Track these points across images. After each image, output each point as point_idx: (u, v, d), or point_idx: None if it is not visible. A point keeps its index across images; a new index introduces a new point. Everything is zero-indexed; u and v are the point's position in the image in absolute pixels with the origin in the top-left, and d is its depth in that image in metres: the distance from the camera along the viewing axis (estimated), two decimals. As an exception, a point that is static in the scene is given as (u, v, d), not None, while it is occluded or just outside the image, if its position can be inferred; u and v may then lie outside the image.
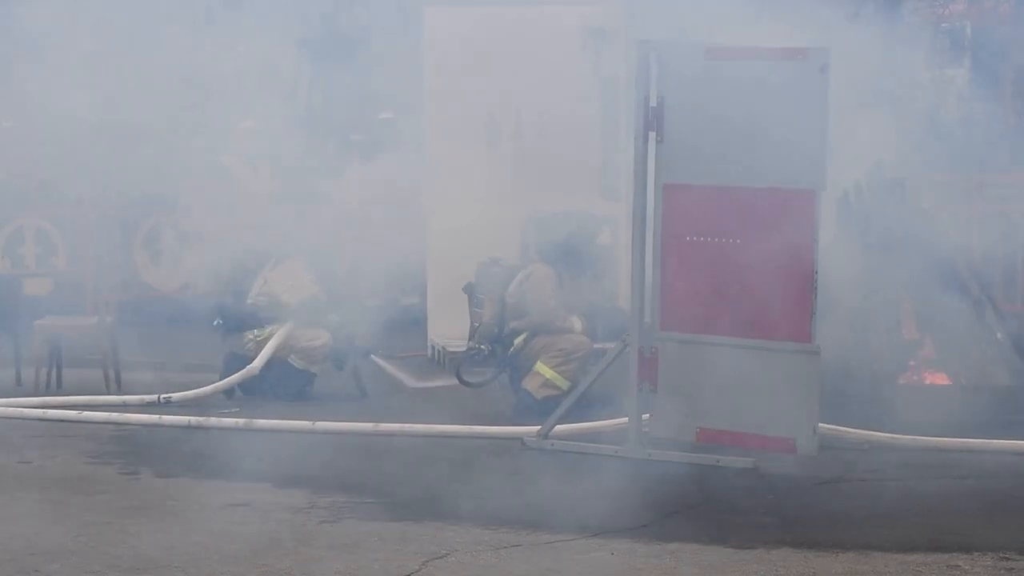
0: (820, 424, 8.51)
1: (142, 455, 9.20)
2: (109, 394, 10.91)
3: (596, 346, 10.27)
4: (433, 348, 12.27)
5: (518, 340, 10.26)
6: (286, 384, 10.92)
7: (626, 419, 8.96)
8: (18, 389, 11.28)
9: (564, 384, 9.99)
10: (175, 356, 12.72)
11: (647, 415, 8.90)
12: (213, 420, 9.98)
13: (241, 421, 9.95)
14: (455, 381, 10.47)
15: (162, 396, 10.63)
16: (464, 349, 10.66)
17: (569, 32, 12.14)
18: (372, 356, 11.46)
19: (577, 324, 10.29)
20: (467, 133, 12.02)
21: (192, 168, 14.92)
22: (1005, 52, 13.65)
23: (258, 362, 10.84)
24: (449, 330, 11.74)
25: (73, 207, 15.08)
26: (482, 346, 10.33)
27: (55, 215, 15.01)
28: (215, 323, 11.28)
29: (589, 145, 12.03)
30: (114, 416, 10.17)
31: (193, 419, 9.99)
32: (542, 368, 10.19)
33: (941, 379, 9.69)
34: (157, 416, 10.12)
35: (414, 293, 13.04)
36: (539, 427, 9.25)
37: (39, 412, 10.29)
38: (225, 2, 12.40)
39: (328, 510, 7.85)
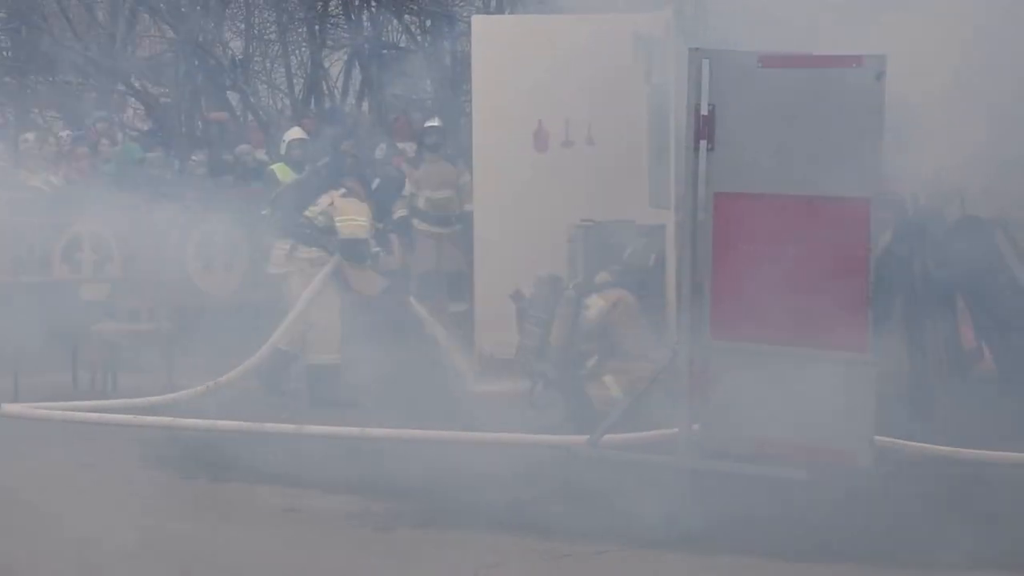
0: (877, 436, 8.42)
1: (196, 459, 9.25)
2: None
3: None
4: (481, 355, 12.27)
5: (591, 362, 10.18)
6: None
7: (677, 429, 8.92)
8: (74, 393, 11.39)
9: None
10: (228, 361, 12.80)
11: (698, 425, 8.86)
12: (267, 426, 10.02)
13: (293, 427, 9.98)
14: (514, 386, 10.39)
15: (210, 383, 10.74)
16: (522, 364, 10.52)
17: (619, 40, 12.11)
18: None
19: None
20: (516, 141, 12.02)
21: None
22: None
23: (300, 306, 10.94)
24: (497, 338, 11.72)
25: (130, 212, 15.21)
26: (550, 368, 10.20)
27: (112, 221, 15.13)
28: (263, 212, 11.55)
29: (638, 153, 12.00)
30: (167, 421, 10.23)
31: (245, 424, 10.03)
32: (611, 385, 10.10)
33: (1000, 389, 9.58)
34: (211, 421, 10.17)
35: (461, 300, 13.05)
36: (589, 436, 9.22)
37: (95, 416, 10.33)
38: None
39: (382, 517, 7.87)
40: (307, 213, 11.31)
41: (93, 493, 8.45)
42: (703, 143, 8.77)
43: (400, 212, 13.30)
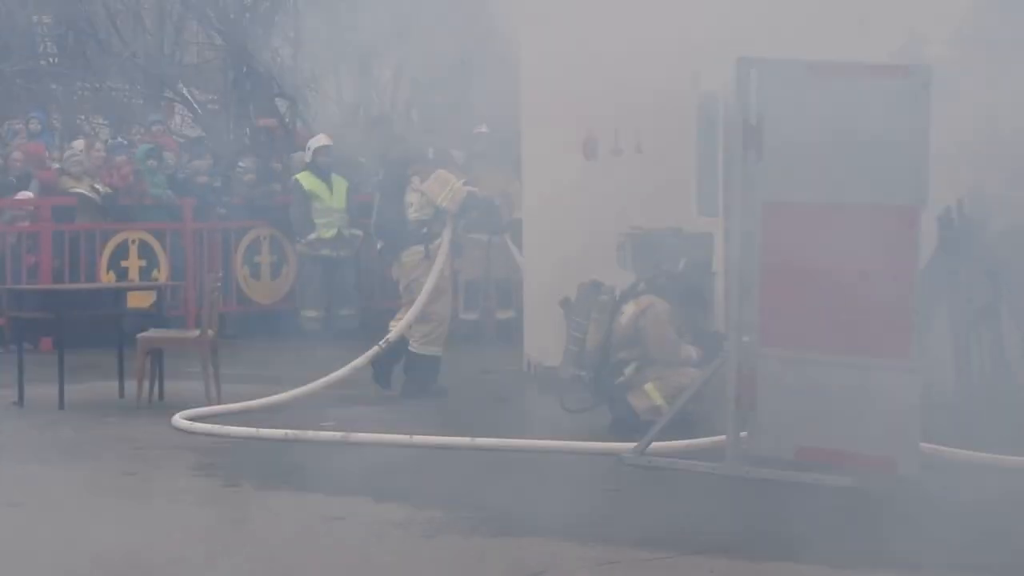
0: (923, 443, 8.41)
1: (242, 467, 9.30)
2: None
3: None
4: (529, 363, 12.30)
5: (628, 370, 10.21)
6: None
7: (724, 436, 8.93)
8: (120, 402, 11.47)
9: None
10: (275, 369, 12.87)
11: (745, 432, 8.86)
12: (311, 434, 10.08)
13: (339, 435, 10.03)
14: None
15: (382, 342, 11.11)
16: (561, 368, 10.61)
17: (668, 48, 12.10)
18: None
19: (693, 353, 10.24)
20: (565, 148, 12.03)
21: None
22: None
23: (429, 283, 11.17)
24: (545, 345, 11.75)
25: (176, 220, 15.31)
26: (583, 373, 10.28)
27: (158, 228, 15.24)
28: (378, 247, 11.75)
29: (686, 162, 11.99)
30: (211, 428, 10.28)
31: (291, 432, 10.09)
32: (653, 392, 10.12)
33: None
34: (254, 429, 10.22)
35: (509, 307, 13.10)
36: (636, 443, 9.24)
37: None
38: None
39: (428, 524, 7.90)
40: (411, 217, 11.44)
41: (139, 501, 8.49)
42: (751, 152, 8.79)
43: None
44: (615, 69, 11.61)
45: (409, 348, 11.47)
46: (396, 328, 11.35)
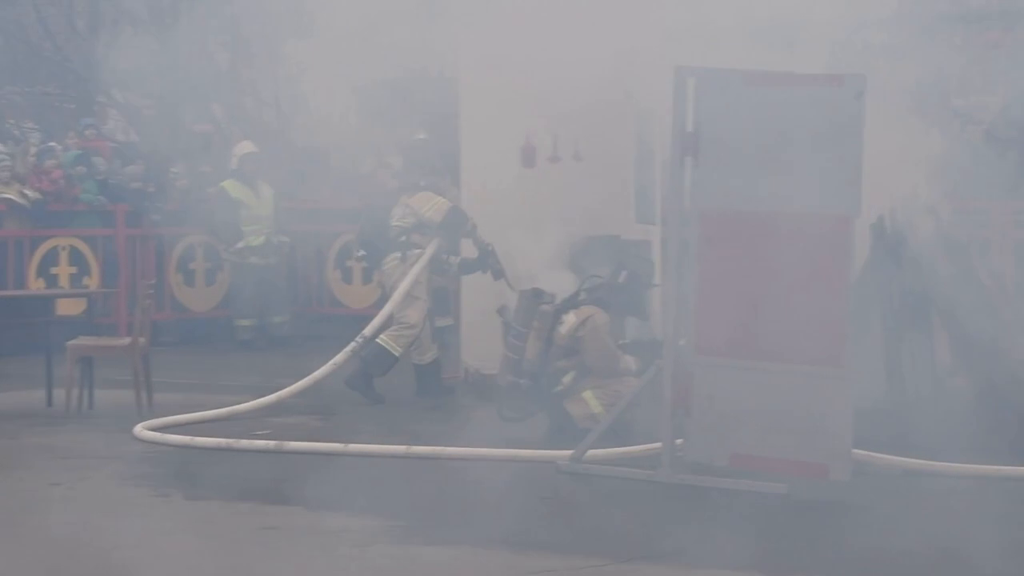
0: (854, 450, 8.47)
1: (173, 476, 9.21)
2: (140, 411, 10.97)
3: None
4: (466, 371, 12.28)
5: (566, 378, 10.23)
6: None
7: (659, 444, 8.95)
8: (48, 410, 11.33)
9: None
10: (207, 376, 12.79)
11: (680, 440, 8.89)
12: (244, 442, 10.00)
13: (273, 443, 9.96)
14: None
15: (358, 337, 11.25)
16: (499, 376, 10.60)
17: (606, 56, 12.13)
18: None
19: (632, 363, 10.28)
20: (503, 156, 12.03)
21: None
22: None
23: (401, 287, 11.39)
24: (482, 353, 11.73)
25: (109, 226, 15.17)
26: (521, 380, 10.30)
27: (89, 234, 15.09)
28: (359, 255, 12.10)
29: (625, 169, 12.02)
30: (155, 436, 10.19)
31: (224, 440, 10.01)
32: (591, 400, 10.15)
33: (975, 405, 9.61)
34: (189, 437, 10.13)
35: (447, 315, 13.06)
36: (573, 451, 9.24)
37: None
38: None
39: (362, 533, 7.86)
40: (395, 224, 11.72)
41: (65, 513, 8.39)
42: (688, 160, 8.82)
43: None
44: (553, 75, 11.62)
45: (376, 339, 11.59)
46: (371, 324, 11.48)
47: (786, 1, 10.28)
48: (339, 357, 11.33)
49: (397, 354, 11.67)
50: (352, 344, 11.40)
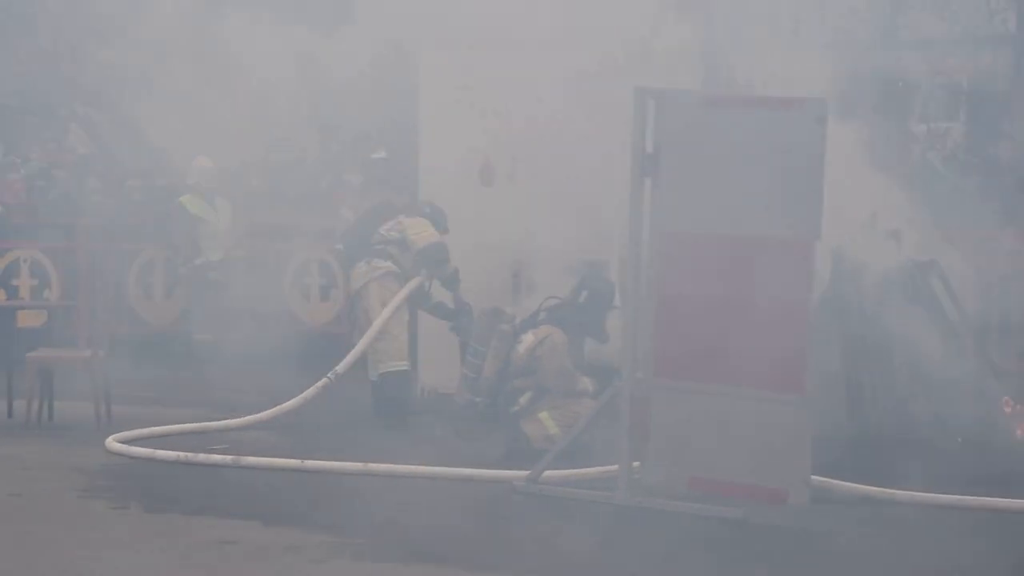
0: (812, 476, 8.48)
1: (131, 489, 9.17)
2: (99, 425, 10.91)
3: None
4: (423, 389, 12.25)
5: (523, 398, 10.23)
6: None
7: (616, 466, 8.94)
8: (8, 422, 11.26)
9: None
10: (166, 390, 12.72)
11: (638, 462, 8.88)
12: (202, 456, 9.96)
13: (230, 458, 9.92)
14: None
15: (330, 374, 11.10)
16: (456, 394, 10.61)
17: (566, 76, 12.16)
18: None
19: (589, 384, 10.29)
20: (462, 174, 12.03)
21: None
22: (1001, 108, 13.74)
23: (378, 322, 11.25)
24: (440, 371, 11.71)
25: (70, 239, 15.09)
26: (478, 400, 10.30)
27: (50, 247, 15.01)
28: (336, 247, 11.99)
29: (584, 190, 12.03)
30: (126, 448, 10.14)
31: (182, 454, 9.97)
32: (548, 421, 10.15)
33: (937, 434, 9.63)
34: (149, 450, 10.09)
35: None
36: (529, 472, 9.23)
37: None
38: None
39: (317, 549, 7.83)
40: (381, 231, 11.68)
41: (22, 523, 8.33)
42: (648, 181, 8.83)
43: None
44: (511, 93, 11.65)
45: (378, 372, 11.50)
46: (345, 360, 11.32)
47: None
48: (309, 392, 11.20)
49: (406, 367, 11.59)
50: (323, 380, 11.27)
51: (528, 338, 10.28)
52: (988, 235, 10.91)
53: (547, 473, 9.19)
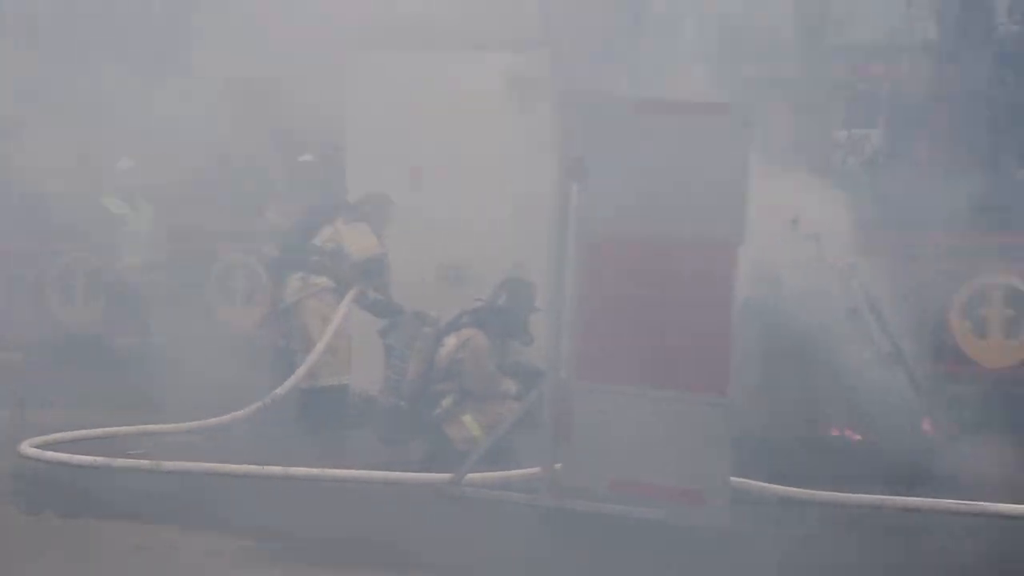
0: (732, 477, 8.51)
1: (46, 495, 9.05)
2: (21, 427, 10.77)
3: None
4: (355, 395, 12.17)
5: (446, 401, 10.21)
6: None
7: (539, 468, 8.93)
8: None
9: None
10: (84, 394, 12.58)
11: (560, 464, 8.88)
12: (120, 461, 9.85)
13: (148, 463, 9.82)
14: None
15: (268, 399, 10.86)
16: (380, 398, 10.58)
17: (493, 80, 12.18)
18: None
19: (512, 387, 10.28)
20: (390, 177, 11.99)
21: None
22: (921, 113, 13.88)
23: (320, 345, 11.03)
24: (364, 375, 11.66)
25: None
26: (402, 403, 10.27)
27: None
28: (272, 254, 11.74)
29: (512, 194, 12.05)
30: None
31: (100, 459, 9.85)
32: (471, 424, 10.14)
33: (854, 434, 9.71)
34: (66, 455, 9.96)
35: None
36: (452, 474, 9.20)
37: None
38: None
39: (237, 554, 7.76)
40: (316, 243, 11.47)
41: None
42: (574, 185, 8.84)
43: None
44: (441, 97, 11.65)
45: (318, 384, 11.32)
46: (286, 384, 11.18)
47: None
48: (241, 413, 11.03)
49: (346, 381, 11.44)
50: (259, 404, 11.10)
51: (451, 341, 10.27)
52: (907, 239, 11.01)
53: (470, 476, 9.17)
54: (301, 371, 11.18)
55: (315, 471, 9.58)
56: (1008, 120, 12.33)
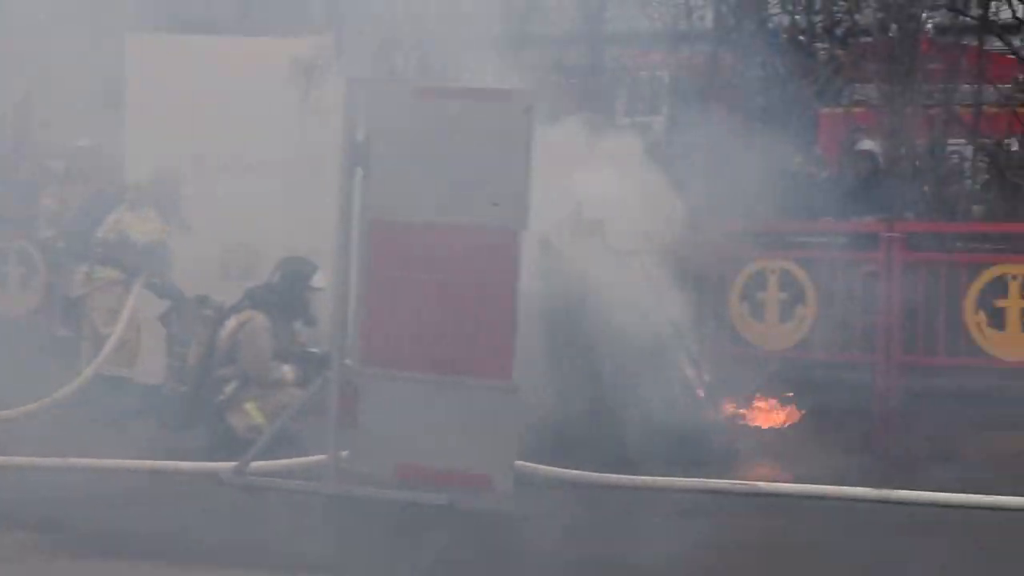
0: (518, 461, 8.59)
1: None
2: None
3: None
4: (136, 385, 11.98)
5: (228, 388, 10.10)
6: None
7: (325, 455, 8.90)
8: None
9: None
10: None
11: (346, 451, 8.86)
12: None
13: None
14: None
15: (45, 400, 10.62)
16: (163, 384, 10.45)
17: (278, 65, 12.08)
18: None
19: (289, 374, 10.21)
20: (172, 164, 11.81)
21: None
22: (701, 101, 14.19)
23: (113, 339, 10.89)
24: (147, 362, 11.48)
25: None
26: (184, 388, 10.15)
27: None
28: (45, 235, 11.58)
29: (297, 179, 11.97)
30: None
31: None
32: (253, 411, 10.04)
33: (635, 416, 9.87)
34: None
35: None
36: (236, 463, 9.11)
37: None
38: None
39: (15, 547, 7.58)
40: (99, 236, 11.23)
41: None
42: (358, 170, 8.82)
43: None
44: (224, 82, 11.51)
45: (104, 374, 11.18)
46: (86, 371, 10.94)
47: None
48: (32, 407, 10.79)
49: (128, 373, 11.29)
50: (48, 399, 10.86)
51: (231, 323, 10.17)
52: (691, 225, 11.23)
53: (255, 464, 9.08)
54: (89, 370, 10.99)
55: (96, 461, 9.40)
56: (784, 108, 12.67)
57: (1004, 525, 8.30)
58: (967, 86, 15.66)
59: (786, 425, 10.61)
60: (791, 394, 10.77)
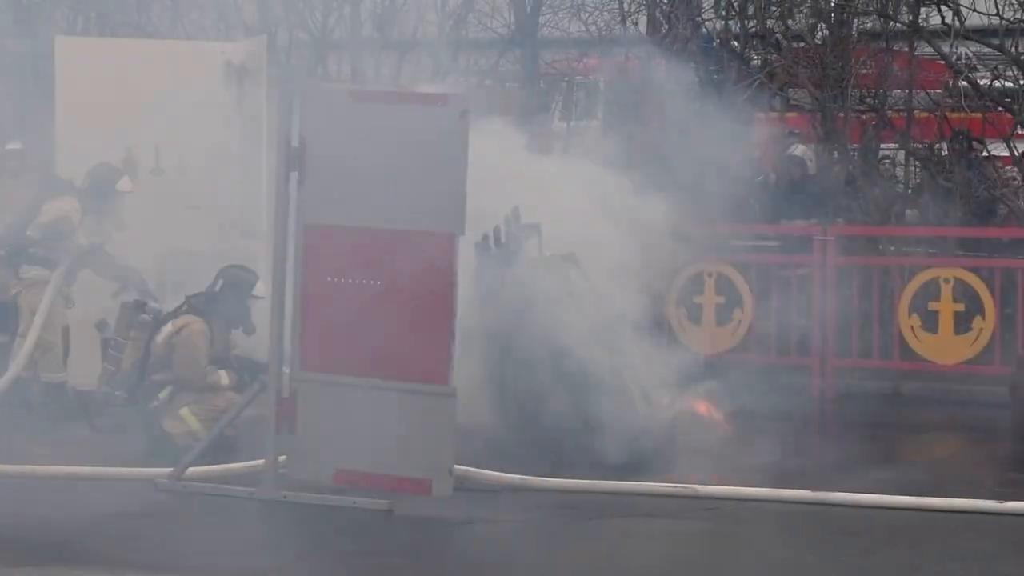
0: (456, 466, 8.58)
1: None
2: None
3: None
4: (71, 388, 11.85)
5: (163, 394, 10.02)
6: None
7: (263, 460, 8.85)
8: None
9: None
10: None
11: (284, 456, 8.82)
12: None
13: None
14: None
15: None
16: (97, 389, 10.33)
17: (212, 69, 12.02)
18: None
19: (224, 379, 10.14)
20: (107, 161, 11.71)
21: None
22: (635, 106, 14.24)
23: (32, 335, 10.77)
24: (81, 368, 11.37)
25: None
26: (118, 392, 10.05)
27: None
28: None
29: (231, 183, 11.91)
30: None
31: None
32: (189, 417, 9.97)
33: (573, 420, 9.87)
34: None
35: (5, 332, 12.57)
36: (172, 469, 9.04)
37: None
38: None
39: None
40: (29, 233, 11.11)
41: None
42: (294, 175, 8.78)
43: None
44: (156, 86, 11.43)
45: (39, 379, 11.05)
46: (12, 368, 10.80)
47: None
48: None
49: (62, 379, 11.16)
50: None
51: (167, 328, 10.09)
52: (630, 229, 11.27)
53: (191, 470, 9.02)
54: (12, 372, 10.87)
55: (28, 468, 9.29)
56: (717, 112, 12.74)
57: (940, 527, 8.36)
58: (898, 91, 15.83)
59: (723, 428, 10.65)
60: (728, 397, 10.81)
